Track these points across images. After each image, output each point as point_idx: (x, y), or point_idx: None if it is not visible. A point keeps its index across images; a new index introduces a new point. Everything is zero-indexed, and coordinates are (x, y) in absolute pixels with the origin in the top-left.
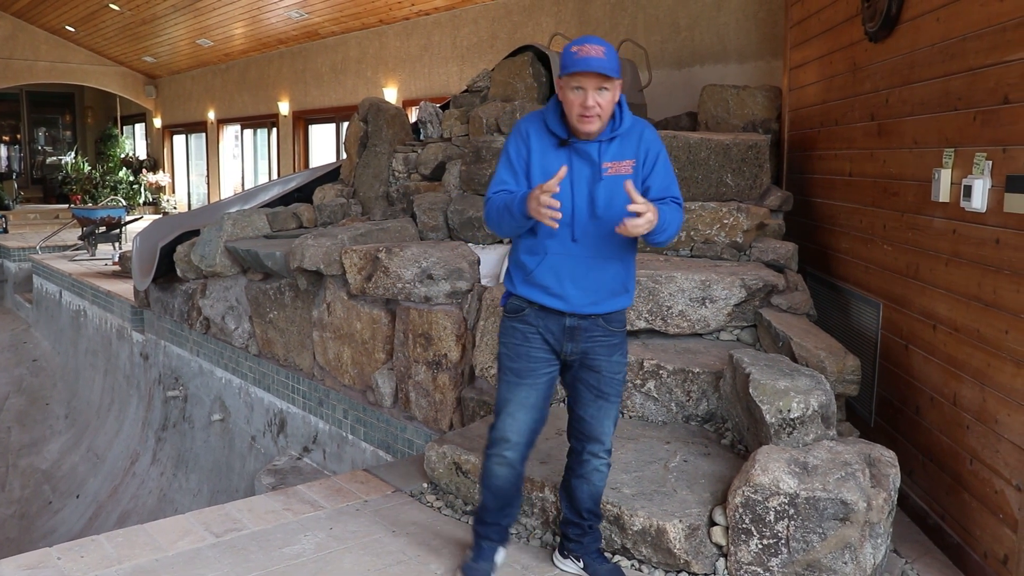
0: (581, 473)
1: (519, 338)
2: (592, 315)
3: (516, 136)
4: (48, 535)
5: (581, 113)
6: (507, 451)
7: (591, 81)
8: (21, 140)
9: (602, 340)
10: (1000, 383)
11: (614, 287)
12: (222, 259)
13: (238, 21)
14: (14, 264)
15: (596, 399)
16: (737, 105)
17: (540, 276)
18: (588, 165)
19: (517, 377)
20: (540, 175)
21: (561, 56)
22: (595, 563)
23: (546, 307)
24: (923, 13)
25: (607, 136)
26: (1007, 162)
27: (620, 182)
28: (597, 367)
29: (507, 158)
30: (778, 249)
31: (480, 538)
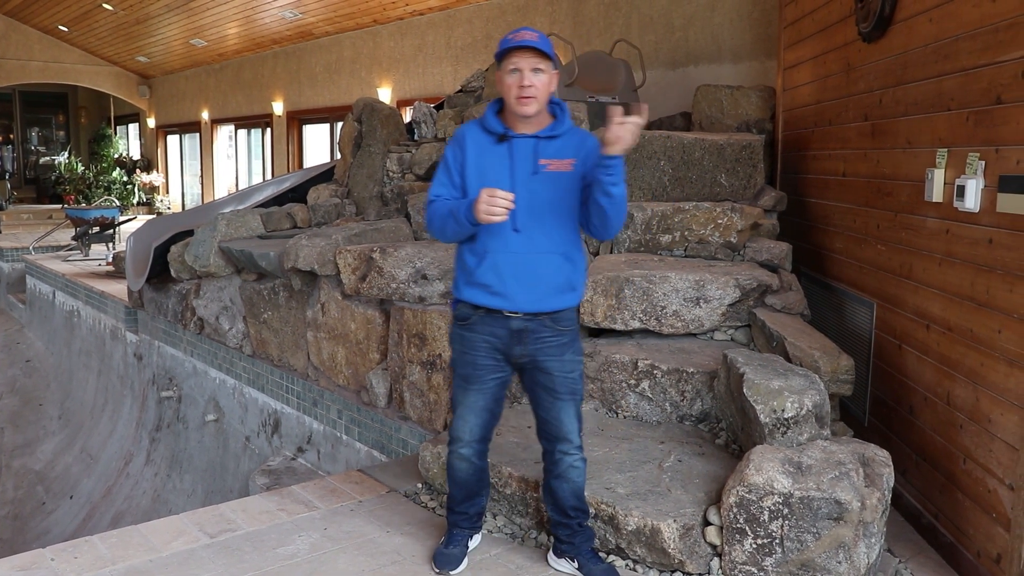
0: (558, 473)
1: (466, 345)
2: (538, 315)
3: (453, 142)
4: (42, 536)
5: (519, 95)
6: (462, 448)
7: (526, 61)
8: (14, 140)
9: (551, 341)
10: (993, 383)
11: (558, 283)
12: (216, 259)
13: (232, 21)
14: (7, 264)
15: (554, 400)
16: (731, 105)
17: (481, 275)
18: (527, 160)
19: (465, 383)
20: (475, 174)
21: (501, 42)
22: (589, 563)
23: (492, 311)
24: (916, 14)
25: (547, 134)
26: (1000, 162)
27: (559, 178)
28: (549, 368)
29: (444, 165)
30: (772, 249)
31: (451, 526)
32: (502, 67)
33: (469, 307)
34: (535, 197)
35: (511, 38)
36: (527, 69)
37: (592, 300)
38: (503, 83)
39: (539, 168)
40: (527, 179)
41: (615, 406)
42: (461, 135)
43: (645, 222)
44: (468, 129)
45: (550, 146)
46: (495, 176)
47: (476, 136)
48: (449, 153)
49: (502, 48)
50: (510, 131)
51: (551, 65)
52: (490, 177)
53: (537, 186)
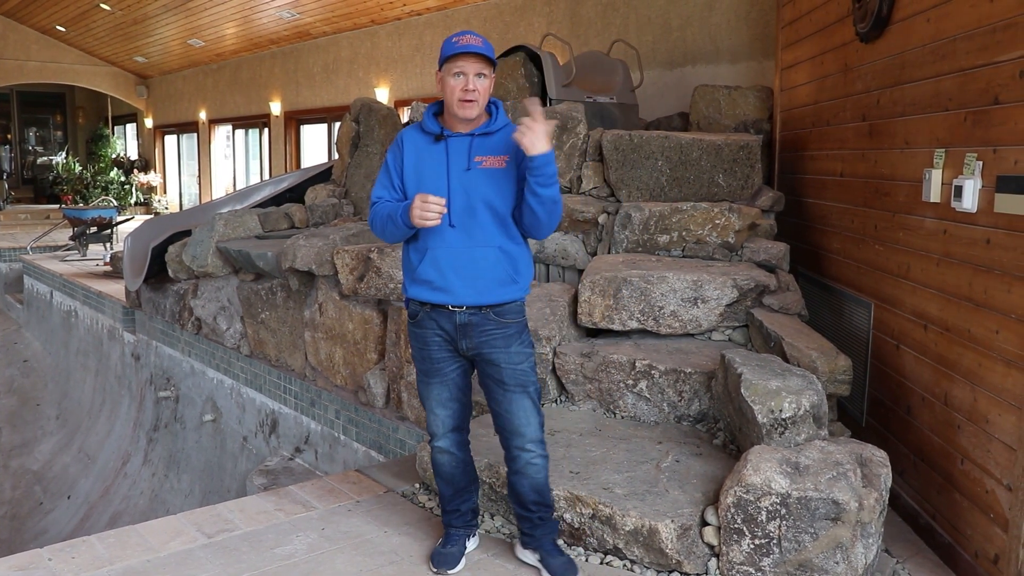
0: (516, 469)
1: (419, 342)
2: (481, 308)
3: (392, 145)
4: (39, 536)
5: (462, 98)
6: (439, 442)
7: (471, 65)
8: (11, 140)
9: (496, 333)
10: (991, 383)
11: (499, 276)
12: (214, 259)
13: (229, 21)
14: (5, 264)
15: (505, 392)
16: (729, 105)
17: (423, 271)
18: (461, 157)
19: (427, 377)
20: (413, 174)
21: (441, 50)
22: (549, 556)
23: (437, 306)
24: (914, 14)
25: (481, 131)
26: (997, 162)
27: (493, 175)
28: (496, 360)
29: (385, 167)
30: (770, 249)
31: (447, 526)
32: (445, 69)
33: (416, 304)
34: (470, 193)
35: (456, 42)
36: (471, 74)
37: (590, 300)
38: (446, 85)
39: (473, 165)
40: (461, 175)
41: (613, 406)
42: (399, 139)
43: (643, 222)
44: (407, 132)
45: (485, 143)
46: (432, 174)
47: (414, 138)
48: (389, 156)
49: (448, 53)
50: (447, 131)
51: (492, 70)
52: (427, 176)
53: (472, 182)
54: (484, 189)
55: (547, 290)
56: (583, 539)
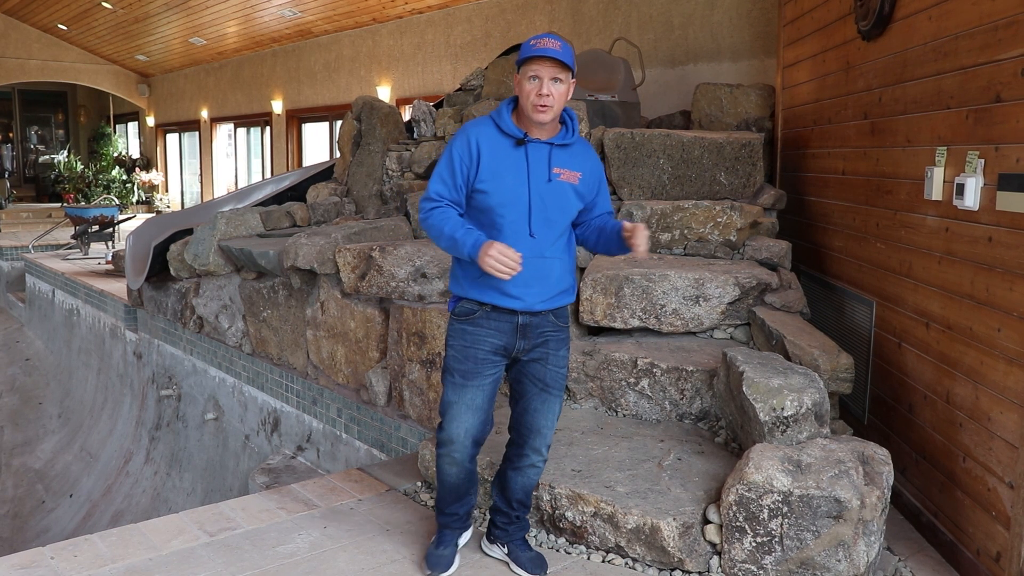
0: (518, 466)
1: (468, 340)
2: (543, 311)
3: (462, 140)
4: (41, 534)
5: (536, 103)
6: (455, 452)
7: (547, 70)
8: (13, 139)
9: (552, 335)
10: (993, 381)
11: (563, 285)
12: (215, 258)
13: (231, 19)
14: (7, 263)
15: (540, 392)
16: (730, 104)
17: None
18: (542, 167)
19: (463, 379)
20: (491, 177)
21: (523, 47)
22: (518, 550)
23: (499, 307)
24: (916, 12)
25: (560, 141)
26: (999, 160)
27: (568, 190)
28: (544, 359)
29: (449, 162)
30: (771, 247)
31: (441, 527)
32: (522, 71)
33: (475, 303)
34: (548, 204)
35: (534, 45)
36: (547, 78)
37: (592, 298)
38: (521, 88)
39: (553, 176)
40: (542, 186)
41: (615, 404)
42: (473, 134)
43: (644, 220)
44: (481, 128)
45: (562, 155)
46: (513, 180)
47: (491, 136)
48: (456, 151)
49: (524, 55)
50: (528, 135)
51: (570, 75)
52: (507, 181)
53: (551, 194)
54: (560, 201)
55: None
56: (585, 537)
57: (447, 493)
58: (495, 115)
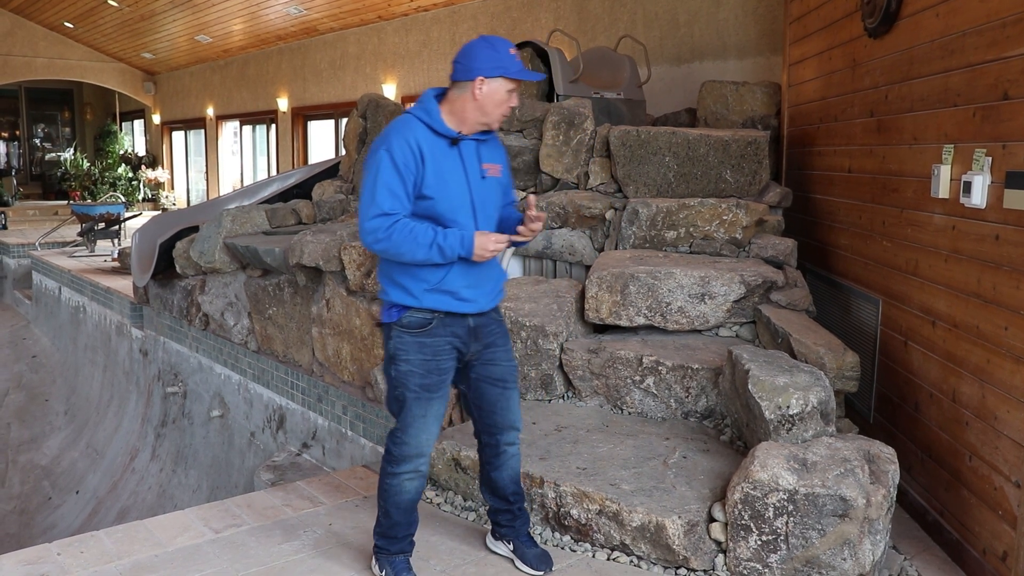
0: (500, 464)
1: (427, 353)
2: (487, 311)
3: (403, 148)
4: (48, 531)
5: (506, 113)
6: (422, 466)
7: (519, 86)
8: (20, 136)
9: (497, 330)
10: (999, 379)
11: (499, 279)
12: (221, 255)
13: (237, 17)
14: (13, 260)
15: (503, 391)
16: (736, 101)
17: (450, 282)
18: (474, 164)
19: (429, 392)
20: (436, 181)
21: (495, 56)
22: (524, 546)
23: (452, 313)
24: (922, 9)
25: (482, 136)
26: (1007, 158)
27: (496, 183)
28: (496, 360)
29: (394, 173)
30: (777, 245)
31: (395, 554)
32: (500, 84)
33: (426, 312)
34: (485, 201)
35: (520, 62)
36: (516, 93)
37: (597, 296)
38: (494, 96)
39: (484, 172)
40: (479, 183)
41: (620, 402)
42: (412, 138)
43: (650, 218)
44: (417, 131)
45: (484, 149)
46: (455, 181)
47: (428, 139)
48: (399, 158)
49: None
50: (460, 134)
51: None
52: (450, 183)
53: (485, 190)
54: (494, 197)
55: (554, 286)
56: (590, 535)
57: (402, 514)
58: (423, 115)
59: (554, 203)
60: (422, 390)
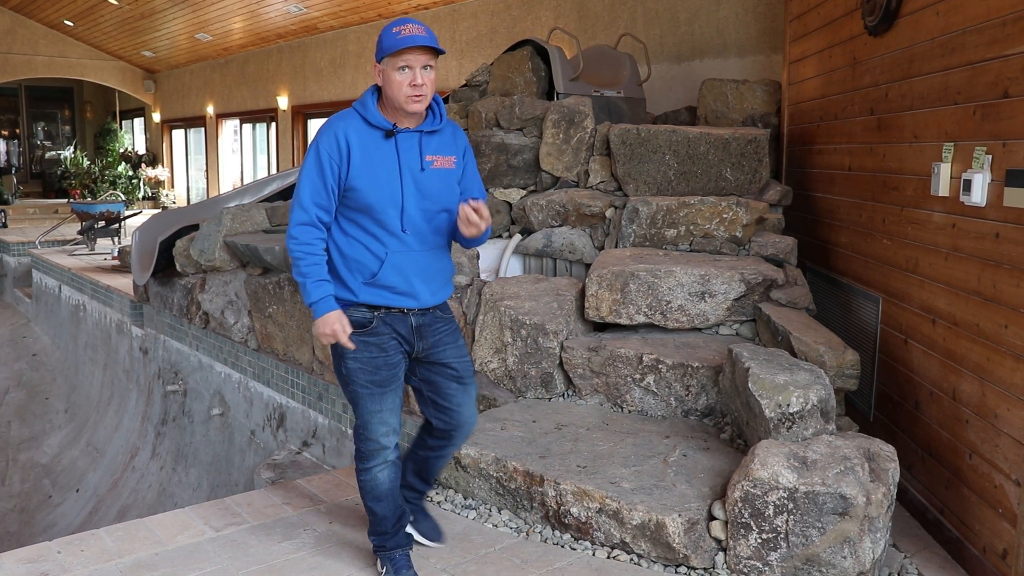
0: (443, 454)
1: (373, 351)
2: (432, 308)
3: (330, 139)
4: (48, 529)
5: (410, 93)
6: (389, 455)
7: (417, 58)
8: (20, 135)
9: (444, 330)
10: (1000, 378)
11: (447, 276)
12: (221, 254)
13: (237, 15)
14: (13, 259)
15: (461, 386)
16: (736, 99)
17: (385, 276)
18: (413, 156)
19: (381, 388)
20: (364, 172)
21: (380, 40)
22: (422, 520)
23: (391, 310)
24: (923, 7)
25: (428, 128)
26: (1007, 156)
27: (444, 176)
28: (448, 358)
29: (318, 165)
30: (777, 244)
31: (391, 550)
32: (387, 63)
33: (366, 309)
34: (425, 194)
35: (398, 33)
36: (418, 67)
37: (597, 295)
38: (390, 79)
39: (426, 165)
40: (416, 176)
41: (620, 400)
42: (340, 129)
43: (650, 216)
44: (347, 124)
45: (433, 141)
46: (386, 174)
47: (359, 130)
48: (324, 153)
49: (391, 47)
50: (396, 126)
51: (436, 60)
52: (380, 176)
53: (426, 183)
54: (437, 190)
55: (554, 284)
56: (590, 533)
57: (386, 507)
58: (359, 107)
59: (554, 201)
60: (373, 386)
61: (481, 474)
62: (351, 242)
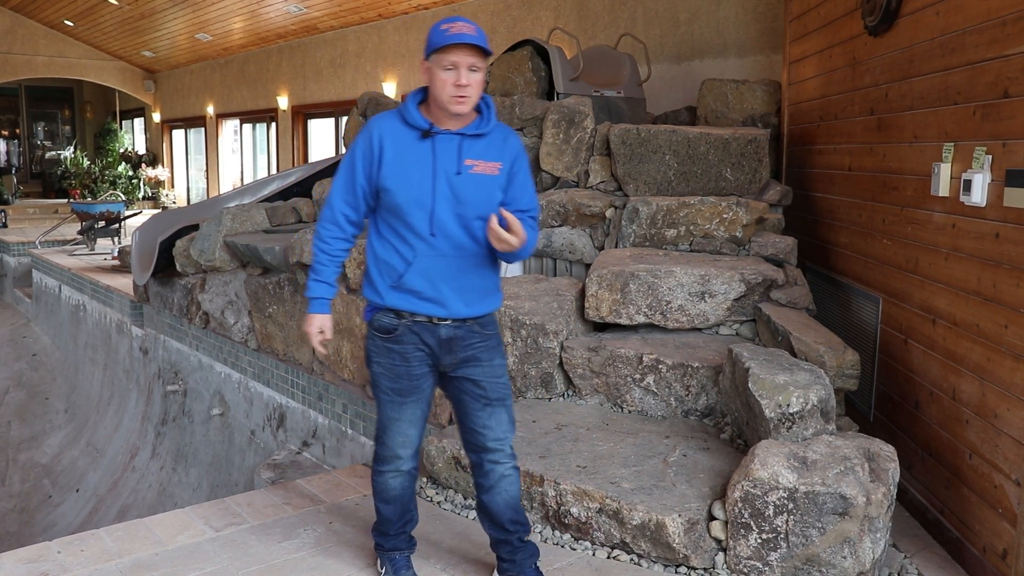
0: (490, 486)
1: (395, 359)
2: (467, 320)
3: (366, 139)
4: (48, 529)
5: (454, 94)
6: (403, 466)
7: (464, 58)
8: (20, 135)
9: (480, 346)
10: (999, 378)
11: (486, 287)
12: (221, 254)
13: (237, 15)
14: (13, 259)
15: (485, 407)
16: (736, 99)
17: (411, 280)
18: (450, 159)
19: (401, 397)
20: (395, 173)
21: (429, 36)
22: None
23: (418, 317)
24: (923, 7)
25: (473, 131)
26: (1007, 156)
27: (483, 182)
28: (478, 376)
29: (351, 164)
30: (777, 244)
31: (390, 551)
32: (434, 60)
33: (393, 315)
34: (460, 199)
35: (447, 31)
36: (464, 67)
37: (597, 295)
38: (435, 77)
39: (464, 169)
40: (451, 179)
41: (620, 401)
42: (376, 129)
43: (650, 217)
44: (384, 122)
45: (476, 145)
46: (417, 176)
47: (395, 131)
48: (358, 152)
49: (438, 43)
50: (436, 128)
51: (487, 61)
52: (412, 177)
53: (461, 188)
54: (474, 196)
55: (554, 284)
56: (590, 533)
57: (393, 511)
58: (401, 107)
59: (554, 201)
60: (393, 393)
61: None
62: (384, 244)
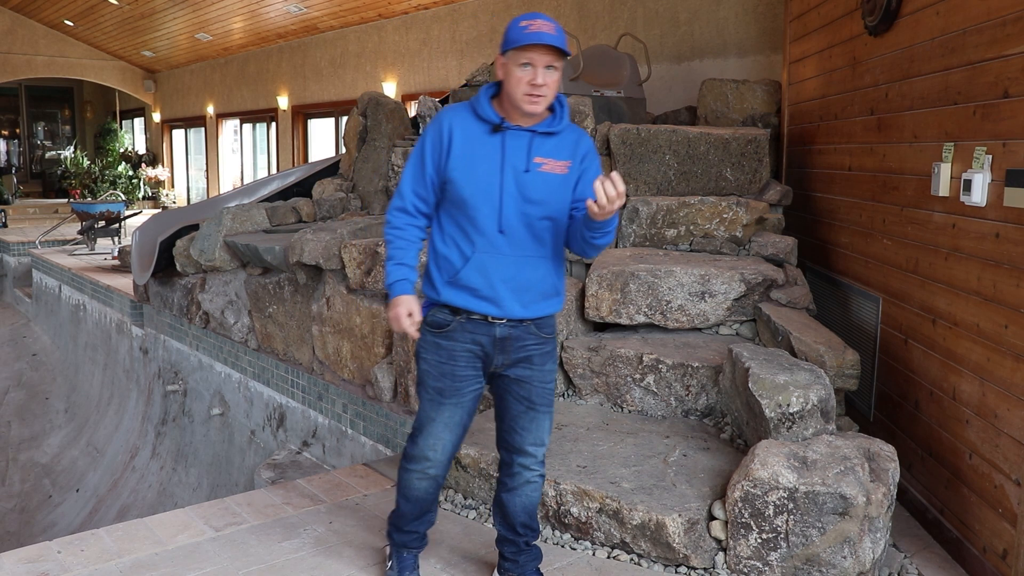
0: (513, 487)
1: (443, 356)
2: (524, 321)
3: (434, 128)
4: (48, 529)
5: (529, 92)
6: (430, 469)
7: (542, 57)
8: (20, 134)
9: (535, 349)
10: (1000, 378)
11: (545, 289)
12: (221, 253)
13: (237, 15)
14: (13, 259)
15: (527, 411)
16: (736, 99)
17: (468, 276)
18: (520, 155)
19: (441, 396)
20: (463, 166)
21: (506, 32)
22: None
23: (474, 315)
24: (923, 7)
25: (544, 129)
26: (1007, 156)
27: (552, 181)
28: (528, 378)
29: (420, 156)
30: (777, 243)
31: (399, 547)
32: (510, 57)
33: (448, 311)
34: (527, 197)
35: (527, 28)
36: (541, 66)
37: (597, 294)
38: (510, 74)
39: (532, 167)
40: (518, 176)
41: (620, 400)
42: (447, 120)
43: (650, 216)
44: (455, 114)
45: (546, 143)
46: (485, 170)
47: (465, 123)
48: (428, 142)
49: (516, 41)
50: (507, 123)
51: (563, 61)
52: (479, 170)
53: (529, 185)
54: (542, 194)
55: None
56: (590, 533)
57: (411, 509)
58: (473, 100)
59: None
60: (435, 392)
61: (481, 474)
62: (445, 238)
